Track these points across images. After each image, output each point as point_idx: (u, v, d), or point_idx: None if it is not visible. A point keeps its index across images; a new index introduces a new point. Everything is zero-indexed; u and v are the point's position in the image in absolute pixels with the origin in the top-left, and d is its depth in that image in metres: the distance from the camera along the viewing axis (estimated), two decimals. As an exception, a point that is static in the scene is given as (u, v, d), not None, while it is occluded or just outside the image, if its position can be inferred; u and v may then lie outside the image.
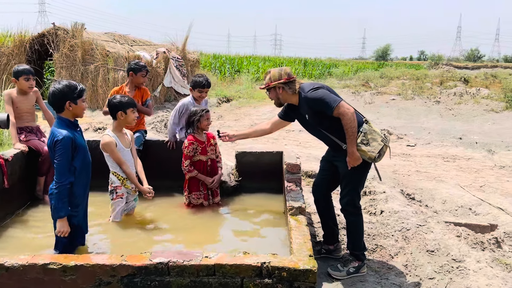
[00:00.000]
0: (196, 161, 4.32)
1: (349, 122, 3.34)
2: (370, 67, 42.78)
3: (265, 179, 4.87)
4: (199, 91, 4.73)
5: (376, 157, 3.42)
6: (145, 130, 5.01)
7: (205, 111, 4.27)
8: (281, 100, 3.71)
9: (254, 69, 30.11)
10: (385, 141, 3.48)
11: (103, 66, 13.41)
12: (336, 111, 3.36)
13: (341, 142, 3.52)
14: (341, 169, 3.61)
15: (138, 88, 4.90)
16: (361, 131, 3.42)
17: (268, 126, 4.06)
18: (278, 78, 3.59)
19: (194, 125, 4.26)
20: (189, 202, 4.38)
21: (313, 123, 3.63)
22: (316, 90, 3.47)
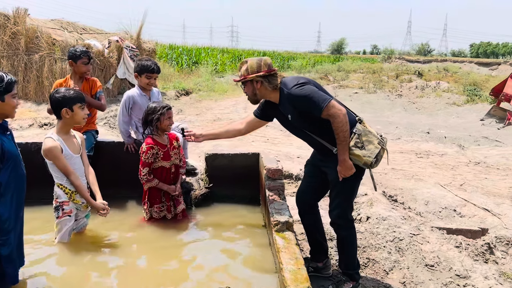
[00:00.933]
0: (157, 168, 3.65)
1: (340, 125, 2.83)
2: (327, 60, 43.03)
3: (240, 185, 4.27)
4: (147, 76, 4.03)
5: (372, 163, 2.93)
6: (96, 130, 4.26)
7: (166, 108, 3.58)
8: (258, 97, 3.15)
9: (212, 60, 29.31)
10: (382, 143, 2.99)
11: (49, 56, 12.25)
12: (326, 112, 2.84)
13: (331, 145, 3.02)
14: (331, 177, 3.10)
15: (86, 79, 4.13)
16: (355, 132, 2.93)
17: (242, 126, 3.46)
18: (257, 70, 3.02)
19: (153, 125, 3.56)
20: (150, 216, 3.71)
21: (297, 124, 3.10)
22: (302, 86, 2.93)
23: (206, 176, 4.26)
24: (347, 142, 2.89)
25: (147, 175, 3.56)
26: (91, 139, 4.02)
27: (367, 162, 2.92)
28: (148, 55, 15.30)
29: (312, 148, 3.31)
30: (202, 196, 4.10)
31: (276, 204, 3.31)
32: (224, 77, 24.09)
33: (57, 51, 12.28)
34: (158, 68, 4.06)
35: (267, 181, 3.61)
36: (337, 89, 16.26)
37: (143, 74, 4.02)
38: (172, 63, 25.58)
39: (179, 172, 3.80)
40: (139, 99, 4.09)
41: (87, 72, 4.05)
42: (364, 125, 3.00)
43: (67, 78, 4.11)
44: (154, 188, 3.63)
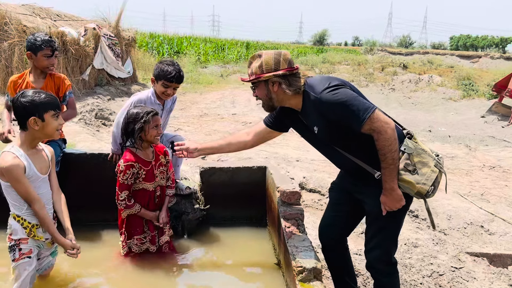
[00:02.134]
0: (138, 191, 2.84)
1: (388, 143, 2.11)
2: (310, 51, 42.34)
3: (242, 204, 3.51)
4: (163, 84, 3.15)
5: (429, 192, 2.22)
6: (63, 139, 3.39)
7: (151, 114, 2.75)
8: (274, 102, 2.40)
9: (195, 50, 28.28)
10: (440, 165, 2.27)
11: (19, 44, 11.14)
12: (368, 125, 2.12)
13: (372, 168, 2.29)
14: (370, 207, 2.39)
15: (50, 76, 3.26)
16: (403, 151, 2.21)
17: (249, 137, 2.69)
18: (274, 67, 2.28)
19: (134, 136, 2.74)
20: (129, 250, 2.90)
21: (326, 139, 2.37)
22: (336, 89, 2.18)
23: (201, 195, 3.47)
24: (396, 165, 2.16)
25: (126, 200, 2.74)
26: (57, 151, 3.15)
27: (421, 191, 2.20)
28: (127, 44, 14.34)
29: (340, 168, 2.58)
30: (196, 221, 3.30)
31: (296, 239, 2.56)
32: (207, 67, 23.17)
33: (27, 39, 11.20)
34: (180, 77, 3.16)
35: (281, 207, 2.85)
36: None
37: (160, 81, 3.14)
38: (153, 53, 24.50)
39: (165, 195, 3.00)
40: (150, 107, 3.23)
41: (51, 66, 3.17)
42: (415, 140, 2.27)
43: (25, 73, 3.24)
44: (134, 215, 2.83)
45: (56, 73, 3.30)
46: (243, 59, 31.85)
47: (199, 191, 3.48)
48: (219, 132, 8.05)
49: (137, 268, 2.81)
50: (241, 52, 33.21)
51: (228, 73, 20.34)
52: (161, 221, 2.89)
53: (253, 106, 11.23)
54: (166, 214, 2.96)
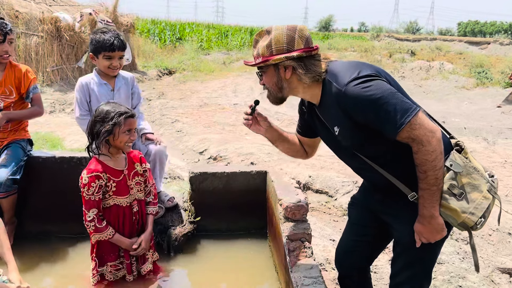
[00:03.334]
0: (110, 208, 2.33)
1: (431, 158, 1.61)
2: (315, 37, 41.62)
3: (239, 214, 3.03)
4: (106, 57, 2.68)
5: (477, 224, 1.71)
6: (28, 139, 2.90)
7: (124, 116, 2.22)
8: (284, 92, 1.86)
9: (197, 37, 27.67)
10: (494, 190, 1.75)
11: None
12: (407, 133, 1.61)
13: (405, 187, 1.77)
14: (400, 235, 1.89)
15: (11, 67, 2.76)
16: (448, 168, 1.68)
17: (307, 149, 2.21)
18: (287, 46, 1.76)
19: (100, 140, 2.22)
20: (101, 278, 2.39)
21: (349, 144, 1.83)
22: (368, 82, 1.64)
23: (190, 204, 2.98)
24: (440, 186, 1.65)
25: (95, 220, 2.24)
26: (19, 154, 2.67)
27: (467, 223, 1.69)
28: (125, 30, 13.80)
29: (364, 180, 2.09)
30: (184, 236, 2.82)
31: (302, 268, 2.08)
32: (210, 54, 22.59)
33: (20, 25, 10.68)
34: (121, 42, 2.70)
35: (283, 225, 2.37)
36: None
37: (100, 54, 2.68)
38: (155, 39, 23.93)
39: (145, 212, 2.49)
40: (96, 89, 2.76)
41: (5, 55, 2.67)
42: (466, 155, 1.74)
43: None
44: (106, 241, 2.34)
45: (18, 64, 2.80)
46: (247, 45, 31.24)
47: (189, 199, 3.00)
48: (219, 123, 7.55)
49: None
50: (245, 38, 32.55)
51: (231, 60, 19.76)
52: (140, 249, 2.37)
53: (256, 95, 10.71)
54: (148, 239, 2.43)
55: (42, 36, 10.47)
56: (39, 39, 10.52)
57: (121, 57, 2.76)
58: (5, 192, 2.54)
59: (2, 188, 2.51)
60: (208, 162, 5.65)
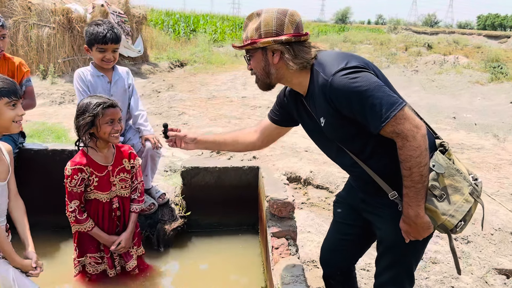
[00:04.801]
0: (91, 201, 2.35)
1: (416, 154, 1.56)
2: (331, 30, 41.22)
3: (231, 210, 3.02)
4: (99, 49, 2.67)
5: (457, 227, 1.67)
6: (22, 132, 2.92)
7: (103, 106, 2.20)
8: (272, 78, 1.81)
9: (211, 29, 27.64)
10: (477, 193, 1.70)
11: (24, 21, 10.77)
12: (391, 127, 1.56)
13: (387, 185, 1.73)
14: (383, 234, 1.87)
15: (4, 60, 2.77)
16: (431, 168, 1.64)
17: (257, 135, 2.17)
18: (276, 30, 1.71)
19: (83, 132, 2.21)
20: (83, 269, 2.42)
21: (334, 136, 1.80)
22: (355, 73, 1.60)
23: (181, 199, 2.98)
24: (425, 184, 1.61)
25: (76, 211, 2.25)
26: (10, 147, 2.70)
27: (447, 225, 1.65)
28: (138, 22, 13.83)
29: (349, 174, 2.05)
30: (174, 231, 2.82)
31: (284, 265, 2.06)
32: (223, 46, 22.53)
33: (33, 16, 10.80)
34: (115, 34, 2.66)
35: (269, 222, 2.35)
36: (346, 63, 14.78)
37: (93, 46, 2.67)
38: (168, 31, 23.97)
39: (129, 210, 2.48)
40: (93, 81, 2.76)
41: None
42: (449, 156, 1.70)
43: None
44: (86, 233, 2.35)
45: (12, 57, 2.82)
46: (261, 37, 31.07)
47: (180, 194, 2.99)
48: (226, 116, 7.54)
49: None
50: (259, 30, 32.41)
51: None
52: (116, 248, 2.36)
53: (265, 88, 10.65)
54: (128, 238, 2.42)
55: (54, 27, 10.57)
56: (51, 30, 10.62)
57: (115, 50, 2.73)
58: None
59: None
60: (211, 156, 5.65)
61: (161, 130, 2.18)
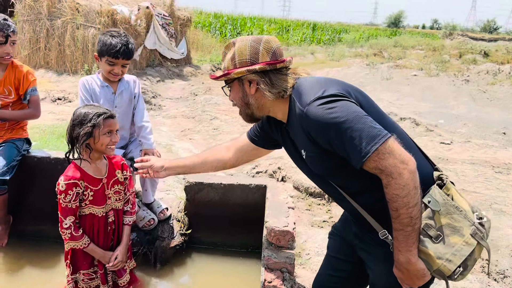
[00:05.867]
0: (85, 216, 2.23)
1: (403, 193, 1.37)
2: (383, 34, 40.22)
3: (236, 229, 2.85)
4: (108, 62, 2.57)
5: (455, 274, 1.44)
6: (26, 139, 2.89)
7: (103, 117, 2.12)
8: (253, 109, 1.70)
9: (258, 31, 27.68)
10: (480, 235, 1.47)
11: (71, 22, 11.15)
12: (374, 162, 1.39)
13: (376, 222, 1.56)
14: (374, 276, 1.70)
15: (12, 67, 2.73)
16: (426, 204, 1.45)
17: (230, 153, 2.04)
18: (251, 59, 1.60)
19: (80, 143, 2.11)
20: (75, 285, 2.31)
21: (317, 169, 1.65)
22: (332, 103, 1.44)
23: (184, 215, 2.84)
24: (416, 227, 1.40)
25: (72, 228, 2.16)
26: (12, 154, 2.66)
27: (444, 271, 1.43)
28: (182, 24, 13.98)
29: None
30: (172, 249, 2.69)
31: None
32: (268, 50, 22.43)
33: (80, 17, 11.15)
34: (128, 50, 2.56)
35: (265, 251, 2.15)
36: (392, 69, 14.22)
37: (103, 57, 2.59)
38: (215, 33, 24.22)
39: (121, 223, 2.36)
40: (98, 91, 2.68)
41: (5, 56, 2.63)
42: (448, 191, 1.48)
43: None
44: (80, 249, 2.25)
45: (21, 65, 2.78)
46: (308, 41, 30.77)
47: (183, 210, 2.86)
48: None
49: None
50: (306, 34, 32.10)
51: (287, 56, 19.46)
52: (113, 263, 2.25)
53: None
54: (124, 252, 2.31)
55: (99, 28, 10.85)
56: (96, 31, 10.91)
57: (125, 65, 2.64)
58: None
59: None
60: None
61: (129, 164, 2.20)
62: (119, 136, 2.77)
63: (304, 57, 20.66)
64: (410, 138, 1.65)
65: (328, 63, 16.07)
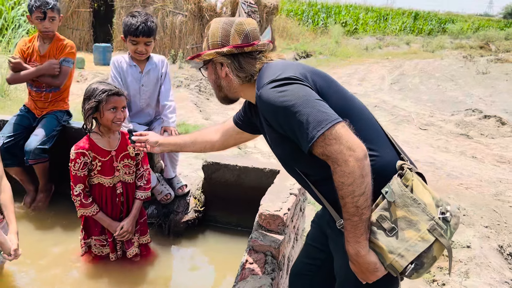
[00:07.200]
0: (94, 186, 2.43)
1: (348, 181, 1.31)
2: (495, 25, 36.51)
3: (250, 211, 2.86)
4: (132, 41, 2.73)
5: (407, 270, 1.34)
6: (66, 111, 3.17)
7: (108, 94, 2.24)
8: (224, 91, 1.70)
9: (352, 19, 26.87)
10: (439, 231, 1.35)
11: (162, 9, 11.86)
12: (320, 148, 1.34)
13: (335, 211, 1.49)
14: (336, 266, 1.66)
15: (57, 41, 3.01)
16: (383, 193, 1.38)
17: (217, 135, 2.06)
18: (221, 41, 1.60)
19: (87, 116, 2.27)
20: (89, 249, 2.52)
21: (278, 154, 1.65)
22: (284, 86, 1.41)
23: (201, 192, 2.94)
24: (363, 218, 1.34)
25: (81, 196, 2.35)
26: (52, 125, 2.95)
27: (396, 267, 1.34)
28: (268, 12, 14.11)
29: None
30: (185, 224, 2.80)
31: (249, 285, 1.87)
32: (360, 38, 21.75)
33: (169, 4, 11.81)
34: (147, 28, 2.69)
35: (254, 232, 2.16)
36: (491, 63, 12.93)
37: (127, 37, 2.77)
38: (308, 22, 24.01)
39: (133, 197, 2.52)
40: (126, 70, 2.86)
41: (45, 31, 2.91)
42: (407, 182, 1.38)
43: (34, 37, 3.05)
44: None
45: (63, 38, 3.05)
46: (407, 30, 29.14)
47: (201, 188, 2.95)
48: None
49: (98, 272, 2.45)
50: (406, 23, 30.38)
51: (379, 45, 18.69)
52: (118, 232, 2.41)
53: (383, 85, 9.94)
54: (131, 224, 2.46)
55: (186, 15, 11.39)
56: (183, 18, 11.47)
57: (148, 43, 2.78)
58: (34, 160, 2.84)
59: (31, 156, 2.81)
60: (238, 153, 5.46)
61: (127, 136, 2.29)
62: (145, 113, 2.95)
63: (398, 47, 19.62)
64: (379, 125, 1.55)
65: (420, 54, 15.10)
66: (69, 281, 2.41)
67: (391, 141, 1.51)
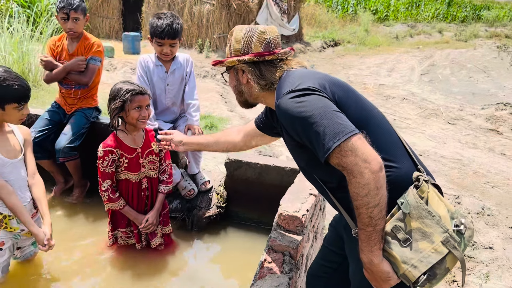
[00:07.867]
0: (121, 181, 2.54)
1: (363, 192, 1.34)
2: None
3: (271, 209, 2.92)
4: (157, 43, 2.81)
5: (419, 281, 1.38)
6: (95, 107, 3.29)
7: (132, 93, 2.33)
8: (245, 96, 1.77)
9: (384, 6, 26.23)
10: (453, 244, 1.38)
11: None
12: (336, 159, 1.38)
13: (351, 219, 1.55)
14: (351, 271, 1.71)
15: (85, 40, 3.10)
16: (399, 204, 1.41)
17: (239, 136, 2.13)
18: (243, 49, 1.66)
19: (113, 115, 2.38)
20: (116, 240, 2.67)
21: (297, 161, 1.72)
22: (302, 96, 1.45)
23: (223, 188, 3.02)
24: (377, 228, 1.38)
25: (109, 191, 2.47)
26: (81, 123, 3.07)
27: (409, 277, 1.38)
28: (295, 1, 13.93)
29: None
30: (207, 219, 2.90)
31: (267, 285, 1.94)
32: (391, 26, 21.23)
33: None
34: (173, 31, 2.76)
35: (273, 232, 2.22)
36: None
37: (153, 39, 2.85)
38: (337, 8, 23.60)
39: (156, 190, 2.63)
40: (152, 69, 2.94)
41: (69, 31, 3.00)
42: (422, 194, 1.41)
43: (63, 36, 3.16)
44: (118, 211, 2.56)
45: (91, 37, 3.15)
46: (441, 17, 28.23)
47: (223, 184, 3.03)
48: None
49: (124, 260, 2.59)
50: (440, 9, 29.41)
51: (410, 33, 18.20)
52: (144, 224, 2.53)
53: (413, 77, 9.75)
54: (155, 217, 2.58)
55: (213, 4, 11.42)
56: (211, 7, 11.51)
57: (173, 45, 2.84)
58: (64, 158, 2.98)
59: (61, 154, 2.95)
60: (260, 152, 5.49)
61: None
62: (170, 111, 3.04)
63: (430, 35, 19.06)
64: (397, 135, 1.57)
65: (453, 43, 14.66)
66: (97, 269, 2.55)
67: (408, 152, 1.54)
